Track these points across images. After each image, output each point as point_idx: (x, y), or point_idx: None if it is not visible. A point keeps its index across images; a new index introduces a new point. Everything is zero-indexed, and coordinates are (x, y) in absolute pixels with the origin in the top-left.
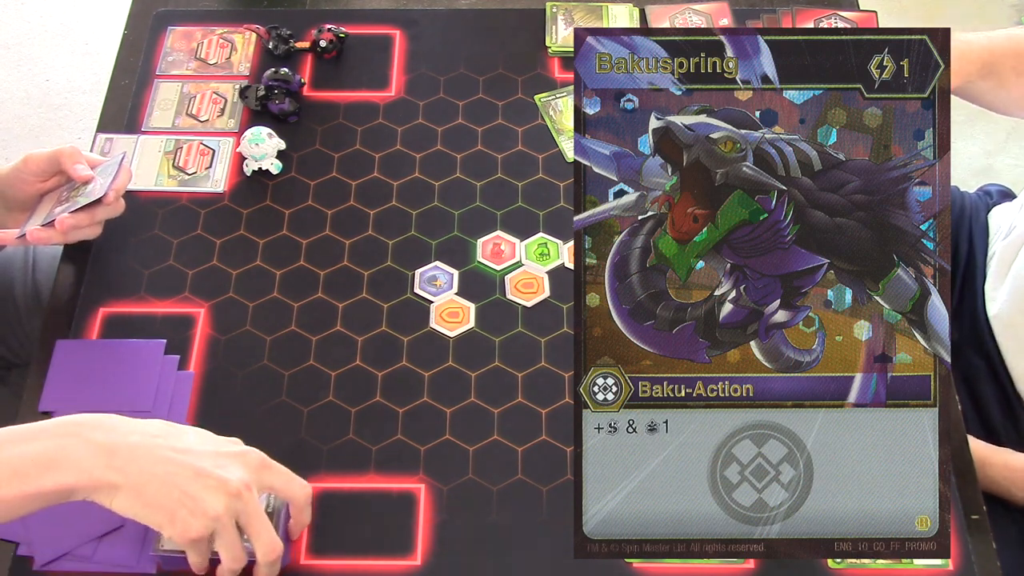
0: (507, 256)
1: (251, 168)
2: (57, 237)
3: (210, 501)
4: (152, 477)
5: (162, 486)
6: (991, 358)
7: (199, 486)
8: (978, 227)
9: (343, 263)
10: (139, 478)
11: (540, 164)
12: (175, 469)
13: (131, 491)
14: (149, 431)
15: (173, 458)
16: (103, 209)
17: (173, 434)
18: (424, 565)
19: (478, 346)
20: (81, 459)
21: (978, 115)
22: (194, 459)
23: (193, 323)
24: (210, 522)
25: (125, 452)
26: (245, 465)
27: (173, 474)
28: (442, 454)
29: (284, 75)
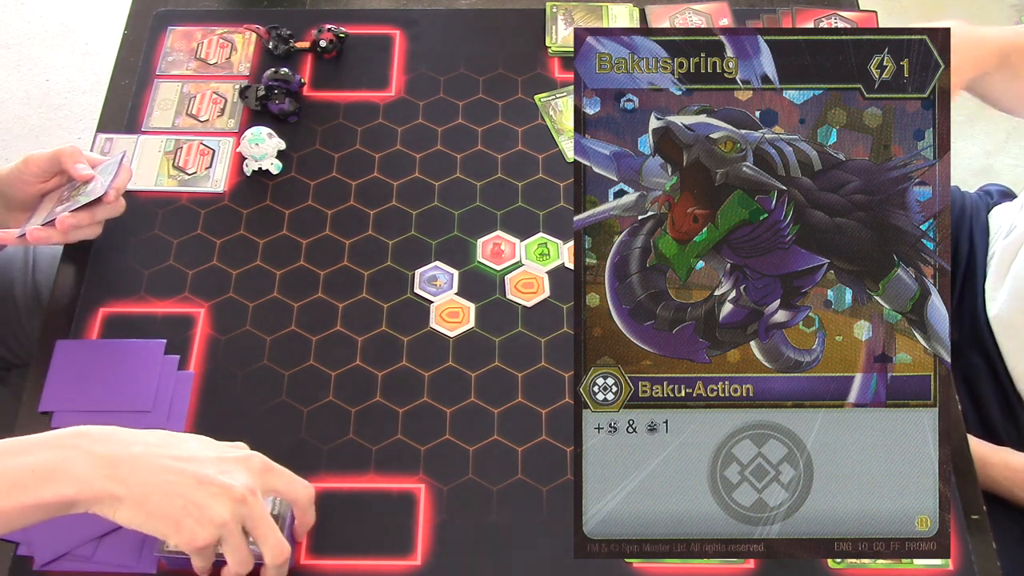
0: (507, 256)
1: (251, 168)
2: (57, 236)
3: (215, 508)
4: (155, 487)
5: (165, 496)
6: (991, 358)
7: (203, 494)
8: (978, 227)
9: (343, 263)
10: (142, 489)
11: (540, 164)
12: (178, 478)
13: (134, 502)
14: (151, 441)
15: (176, 467)
16: (104, 208)
17: (175, 443)
18: (424, 565)
19: (478, 346)
20: (82, 471)
21: (978, 115)
22: (197, 467)
23: (193, 323)
24: (216, 529)
25: (127, 463)
26: (248, 470)
27: (176, 483)
28: (442, 454)
29: (284, 75)
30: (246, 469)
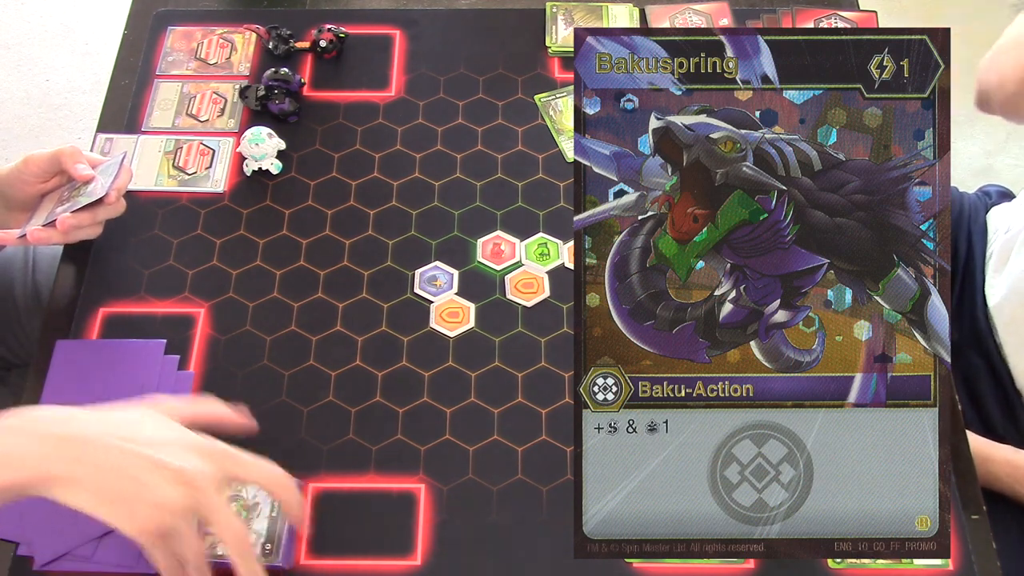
0: (507, 256)
1: (251, 168)
2: (57, 237)
3: (166, 491)
4: (107, 470)
5: (117, 478)
6: (991, 358)
7: (156, 477)
8: (977, 227)
9: (343, 263)
10: (94, 471)
11: (540, 164)
12: (131, 460)
13: (85, 484)
14: (106, 421)
15: (129, 449)
16: (104, 209)
17: (132, 424)
18: (424, 565)
19: (478, 346)
20: (31, 453)
21: (978, 115)
22: (153, 450)
23: (193, 323)
24: (167, 515)
25: (78, 444)
26: (205, 456)
27: (128, 466)
28: (442, 454)
29: (284, 75)
30: (203, 455)
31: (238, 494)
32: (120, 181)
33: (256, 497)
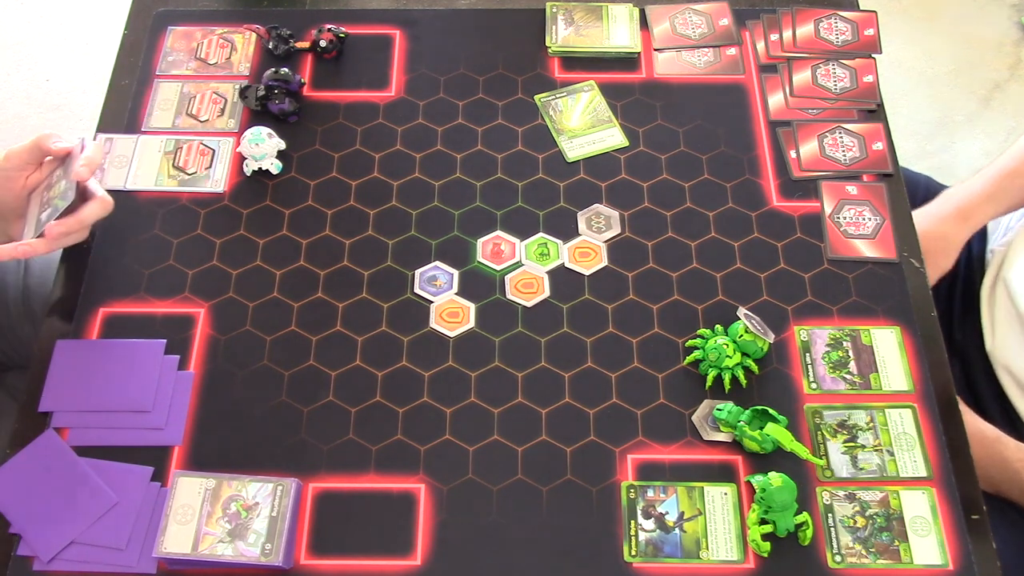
0: (507, 256)
1: (251, 168)
2: (43, 247)
3: None
4: None
5: None
6: (991, 358)
7: None
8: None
9: (343, 263)
10: None
11: (540, 164)
12: None
13: None
14: None
15: None
16: (92, 209)
17: None
18: (424, 565)
19: (478, 346)
20: None
21: (978, 115)
22: None
23: (193, 323)
24: None
25: None
26: None
27: None
28: (442, 454)
29: (284, 75)
30: None
31: (238, 494)
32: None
33: (256, 497)
